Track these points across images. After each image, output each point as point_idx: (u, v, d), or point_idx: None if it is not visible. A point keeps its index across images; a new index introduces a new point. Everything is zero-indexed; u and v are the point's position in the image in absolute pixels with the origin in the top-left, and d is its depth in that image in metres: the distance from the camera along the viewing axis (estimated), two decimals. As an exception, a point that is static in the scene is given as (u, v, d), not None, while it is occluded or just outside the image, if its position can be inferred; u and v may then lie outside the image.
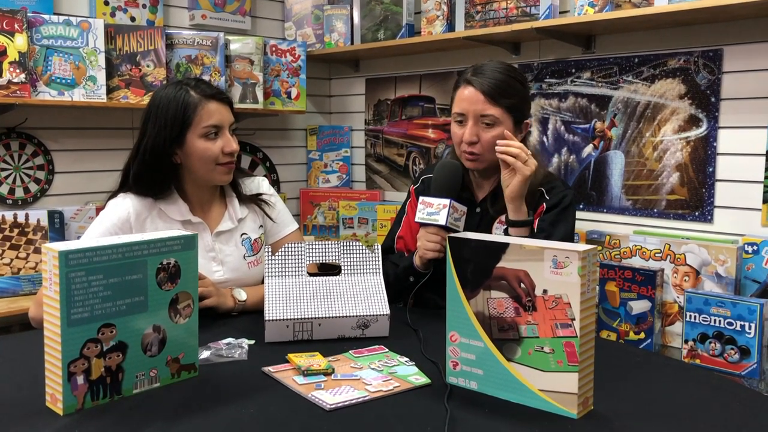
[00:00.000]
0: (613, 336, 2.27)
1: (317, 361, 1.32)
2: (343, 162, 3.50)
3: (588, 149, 2.57)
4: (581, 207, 2.58)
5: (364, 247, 1.61)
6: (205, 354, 1.37)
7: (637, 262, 2.30)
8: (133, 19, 2.85)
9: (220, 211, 1.86)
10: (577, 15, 2.36)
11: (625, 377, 1.31)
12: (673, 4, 2.10)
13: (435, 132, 3.11)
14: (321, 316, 1.49)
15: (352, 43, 3.18)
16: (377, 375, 1.28)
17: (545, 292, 1.13)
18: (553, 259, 1.11)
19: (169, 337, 1.24)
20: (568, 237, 1.75)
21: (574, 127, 2.61)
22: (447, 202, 1.70)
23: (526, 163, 1.67)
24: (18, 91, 2.41)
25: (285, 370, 1.30)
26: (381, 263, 1.62)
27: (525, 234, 1.70)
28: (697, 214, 2.30)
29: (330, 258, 1.60)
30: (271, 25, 3.40)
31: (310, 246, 1.59)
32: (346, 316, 1.50)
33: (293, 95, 3.17)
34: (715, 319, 2.03)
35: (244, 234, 1.87)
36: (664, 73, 2.36)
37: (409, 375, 1.29)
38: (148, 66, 2.72)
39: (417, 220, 1.74)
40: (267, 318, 1.47)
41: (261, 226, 1.92)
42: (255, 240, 1.88)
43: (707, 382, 1.32)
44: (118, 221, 1.72)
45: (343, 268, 1.60)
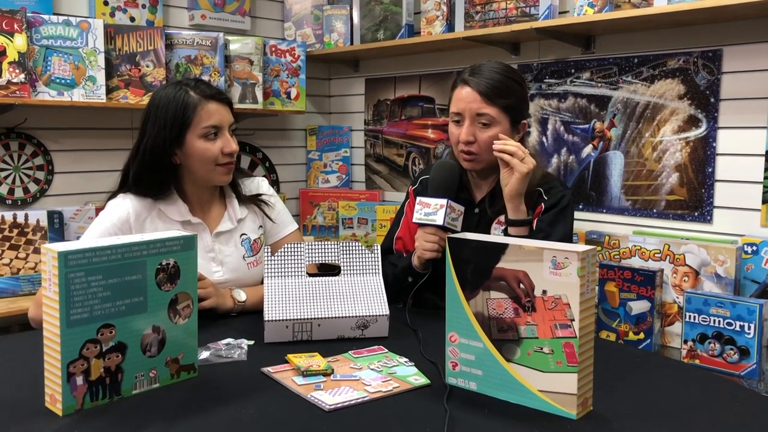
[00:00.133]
0: (613, 336, 2.27)
1: (317, 361, 1.32)
2: (343, 162, 3.50)
3: (587, 149, 2.57)
4: (581, 207, 2.58)
5: (364, 247, 1.61)
6: (204, 354, 1.37)
7: (636, 262, 2.30)
8: (132, 19, 2.85)
9: (219, 211, 1.86)
10: (577, 15, 2.36)
11: (625, 378, 1.31)
12: (672, 4, 2.10)
13: (434, 132, 3.11)
14: (320, 316, 1.49)
15: (352, 43, 3.18)
16: (377, 375, 1.28)
17: (544, 292, 1.13)
18: (552, 260, 1.11)
19: (168, 337, 1.24)
20: (566, 237, 1.75)
21: (573, 128, 2.61)
22: (444, 202, 1.70)
23: (523, 161, 1.67)
24: (17, 92, 2.41)
25: (284, 371, 1.30)
26: (380, 263, 1.62)
27: (524, 234, 1.70)
28: (696, 214, 2.30)
29: (329, 258, 1.60)
30: (270, 26, 3.40)
31: (310, 246, 1.59)
32: (346, 317, 1.50)
33: (293, 95, 3.17)
34: (714, 320, 2.03)
35: (243, 234, 1.87)
36: (663, 74, 2.36)
37: (409, 375, 1.29)
38: (148, 66, 2.72)
39: (414, 220, 1.74)
40: (266, 318, 1.47)
41: (260, 227, 1.92)
42: (254, 240, 1.88)
43: (706, 382, 1.32)
44: (118, 222, 1.72)
45: (342, 268, 1.60)
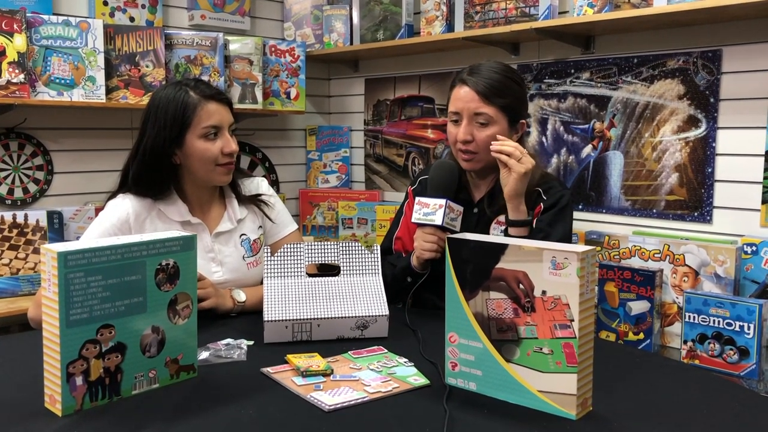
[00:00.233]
0: (612, 336, 2.27)
1: (316, 361, 1.32)
2: (343, 162, 3.50)
3: (587, 150, 2.57)
4: (580, 207, 2.58)
5: (363, 247, 1.61)
6: (204, 355, 1.37)
7: (636, 262, 2.30)
8: (132, 19, 2.85)
9: (219, 211, 1.86)
10: (577, 15, 2.36)
11: (624, 378, 1.31)
12: (672, 4, 2.10)
13: (434, 132, 3.11)
14: (320, 316, 1.49)
15: (352, 43, 3.18)
16: (376, 376, 1.28)
17: (544, 293, 1.13)
18: (552, 260, 1.11)
19: (168, 337, 1.24)
20: (566, 237, 1.75)
21: (573, 128, 2.61)
22: (443, 202, 1.70)
23: (520, 161, 1.67)
24: (17, 92, 2.41)
25: (284, 371, 1.30)
26: (380, 264, 1.62)
27: (525, 234, 1.70)
28: (696, 214, 2.30)
29: (329, 258, 1.60)
30: (270, 26, 3.40)
31: (310, 246, 1.59)
32: (345, 317, 1.50)
33: (292, 95, 3.17)
34: (714, 320, 2.03)
35: (243, 235, 1.87)
36: (663, 74, 2.36)
37: (408, 376, 1.29)
38: (148, 66, 2.72)
39: (413, 220, 1.74)
40: (266, 319, 1.47)
41: (260, 227, 1.92)
42: (254, 241, 1.88)
43: (706, 382, 1.32)
44: (118, 222, 1.72)
45: (342, 268, 1.60)
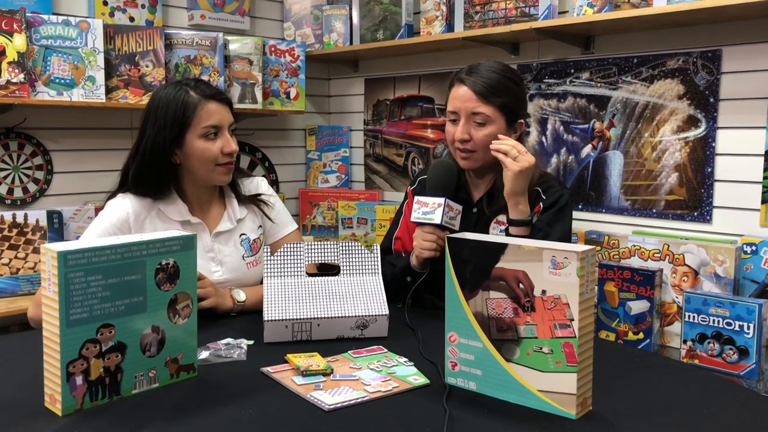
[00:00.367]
0: (612, 336, 2.27)
1: (316, 361, 1.32)
2: (342, 162, 3.50)
3: (587, 149, 2.57)
4: (580, 207, 2.58)
5: (363, 247, 1.61)
6: (203, 354, 1.37)
7: (635, 262, 2.30)
8: (132, 19, 2.85)
9: (219, 211, 1.86)
10: (576, 15, 2.36)
11: (624, 377, 1.31)
12: (672, 4, 2.10)
13: (434, 132, 3.11)
14: (320, 316, 1.49)
15: (351, 43, 3.18)
16: (376, 375, 1.28)
17: (544, 292, 1.13)
18: (551, 260, 1.11)
19: (168, 337, 1.24)
20: (565, 237, 1.75)
21: (573, 128, 2.61)
22: (442, 201, 1.70)
23: (516, 160, 1.67)
24: (17, 91, 2.41)
25: (284, 371, 1.30)
26: (380, 263, 1.62)
27: (525, 233, 1.70)
28: (695, 214, 2.30)
29: (329, 258, 1.60)
30: (270, 26, 3.40)
31: (309, 246, 1.59)
32: (345, 317, 1.50)
33: (292, 95, 3.17)
34: (713, 320, 2.04)
35: (243, 234, 1.87)
36: (662, 74, 2.36)
37: (408, 375, 1.29)
38: (147, 66, 2.72)
39: (412, 219, 1.74)
40: (266, 318, 1.47)
41: (260, 227, 1.92)
42: (254, 240, 1.88)
43: (706, 382, 1.32)
44: (117, 221, 1.72)
45: (342, 268, 1.60)
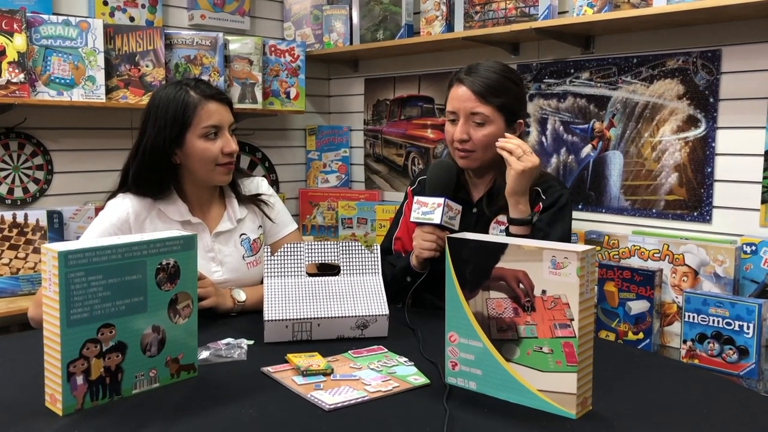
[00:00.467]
0: (612, 336, 2.27)
1: (316, 361, 1.32)
2: (342, 162, 3.50)
3: (587, 149, 2.57)
4: (580, 207, 2.58)
5: (363, 247, 1.61)
6: (204, 354, 1.37)
7: (635, 262, 2.31)
8: (132, 19, 2.85)
9: (219, 211, 1.86)
10: (576, 15, 2.36)
11: (624, 377, 1.31)
12: (671, 4, 2.10)
13: (434, 132, 3.11)
14: (320, 316, 1.49)
15: (351, 43, 3.18)
16: (376, 375, 1.28)
17: (544, 292, 1.13)
18: (551, 260, 1.11)
19: (168, 337, 1.24)
20: (565, 236, 1.75)
21: (572, 128, 2.61)
22: (441, 200, 1.70)
23: (520, 159, 1.67)
24: (17, 91, 2.41)
25: (284, 371, 1.31)
26: (380, 263, 1.62)
27: (526, 233, 1.70)
28: (695, 214, 2.30)
29: (329, 258, 1.60)
30: (270, 25, 3.40)
31: (309, 246, 1.59)
32: (346, 317, 1.50)
33: (292, 95, 3.17)
34: (713, 320, 2.04)
35: (243, 234, 1.87)
36: (662, 74, 2.36)
37: (408, 375, 1.29)
38: (147, 66, 2.72)
39: (412, 219, 1.74)
40: (266, 318, 1.47)
41: (260, 227, 1.92)
42: (254, 240, 1.88)
43: (706, 382, 1.32)
44: (118, 221, 1.72)
45: (342, 268, 1.60)
